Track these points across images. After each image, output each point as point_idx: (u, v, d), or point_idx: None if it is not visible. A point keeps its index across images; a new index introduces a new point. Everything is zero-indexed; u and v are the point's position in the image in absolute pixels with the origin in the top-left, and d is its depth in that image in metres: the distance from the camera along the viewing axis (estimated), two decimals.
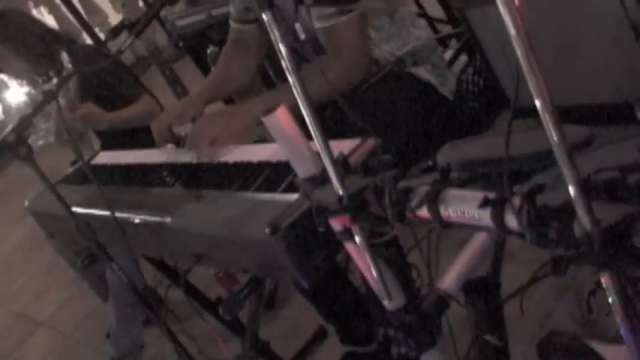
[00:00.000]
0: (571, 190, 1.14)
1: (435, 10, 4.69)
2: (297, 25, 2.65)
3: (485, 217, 1.31)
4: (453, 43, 4.29)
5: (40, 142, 8.75)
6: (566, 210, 1.18)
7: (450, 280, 1.97)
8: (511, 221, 1.27)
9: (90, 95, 3.74)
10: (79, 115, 3.56)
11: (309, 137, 1.66)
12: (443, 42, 4.35)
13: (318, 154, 1.63)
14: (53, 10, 10.14)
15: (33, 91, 4.40)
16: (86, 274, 4.54)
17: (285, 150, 1.72)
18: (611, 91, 3.10)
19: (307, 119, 1.60)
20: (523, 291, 2.59)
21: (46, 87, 3.62)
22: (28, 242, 6.96)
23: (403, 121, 2.62)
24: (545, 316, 2.81)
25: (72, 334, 5.18)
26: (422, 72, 2.73)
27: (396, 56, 2.70)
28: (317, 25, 2.57)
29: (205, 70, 5.08)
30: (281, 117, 1.68)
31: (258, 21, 2.95)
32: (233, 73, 3.06)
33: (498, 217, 1.28)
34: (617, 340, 1.90)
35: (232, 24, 3.08)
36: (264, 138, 2.46)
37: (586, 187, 1.14)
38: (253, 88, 4.19)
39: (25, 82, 4.17)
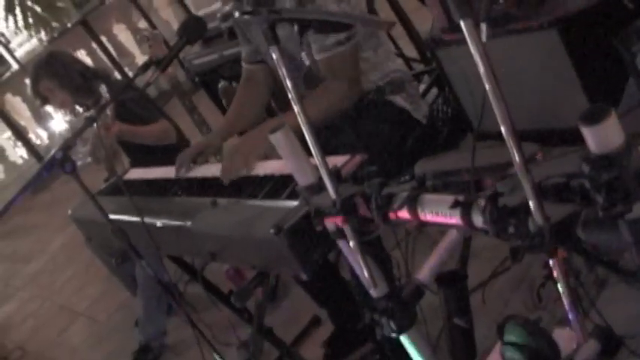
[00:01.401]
0: (526, 192, 1.16)
1: (410, 50, 4.71)
2: (303, 54, 2.66)
3: (455, 216, 1.33)
4: (426, 79, 4.30)
5: (79, 163, 8.72)
6: (522, 209, 1.20)
7: (424, 272, 1.98)
8: (477, 219, 1.29)
9: (121, 119, 3.76)
10: (114, 131, 3.61)
11: (309, 153, 1.68)
12: (417, 78, 4.35)
13: (315, 166, 1.65)
14: (90, 54, 10.16)
15: (74, 119, 4.41)
16: (118, 271, 4.54)
17: (288, 162, 1.74)
18: (558, 117, 3.12)
19: (307, 138, 1.62)
20: (485, 284, 2.60)
21: (87, 114, 3.64)
22: (70, 246, 6.94)
23: (384, 140, 2.63)
24: (504, 304, 2.82)
25: (106, 322, 5.16)
26: (398, 100, 2.75)
27: (377, 86, 2.72)
28: (318, 56, 2.58)
29: (217, 100, 5.09)
30: (285, 135, 1.70)
31: (265, 61, 2.96)
32: (246, 109, 3.03)
33: (466, 216, 1.30)
34: (563, 323, 1.92)
35: (244, 65, 3.07)
36: (267, 156, 2.47)
37: (538, 190, 1.16)
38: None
39: (67, 111, 4.19)
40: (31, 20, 12.51)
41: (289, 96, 1.60)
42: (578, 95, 2.95)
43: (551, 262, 1.37)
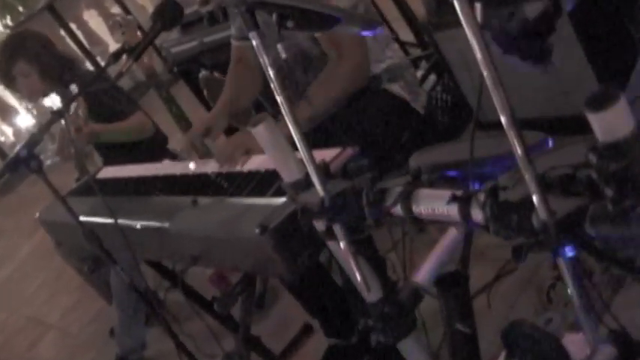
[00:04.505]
0: (529, 185, 1.16)
1: (406, 34, 4.71)
2: (279, 46, 2.66)
3: (453, 212, 1.33)
4: (423, 64, 4.31)
5: (48, 162, 8.71)
6: (525, 203, 1.20)
7: (423, 274, 1.98)
8: (476, 215, 1.29)
9: (94, 117, 3.74)
10: (85, 135, 3.57)
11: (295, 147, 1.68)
12: (414, 63, 4.36)
13: (302, 161, 1.65)
14: (58, 42, 10.12)
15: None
16: (92, 278, 4.53)
17: (272, 157, 1.74)
18: (566, 103, 3.12)
19: (292, 130, 1.62)
20: (490, 286, 2.60)
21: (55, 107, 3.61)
22: (38, 253, 6.94)
23: (379, 133, 2.63)
24: (510, 308, 2.82)
25: (79, 335, 5.14)
26: (396, 88, 2.75)
27: (373, 74, 2.72)
28: (319, 34, 2.59)
29: (198, 91, 5.08)
30: (268, 128, 1.70)
31: None
32: (243, 89, 3.01)
33: (465, 212, 1.30)
34: (574, 327, 1.92)
35: (233, 42, 3.05)
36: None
37: (542, 182, 1.16)
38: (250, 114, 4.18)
39: (32, 100, 4.15)
40: None
41: (271, 85, 1.60)
42: (587, 79, 2.96)
43: (558, 261, 1.37)
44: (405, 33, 4.71)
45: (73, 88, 3.66)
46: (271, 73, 1.59)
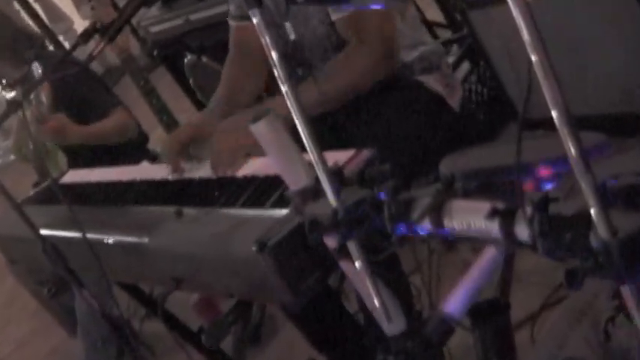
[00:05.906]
0: (586, 197, 1.16)
1: (434, 13, 4.72)
2: (287, 25, 2.66)
3: (493, 228, 1.33)
4: (454, 50, 4.31)
5: None
6: (582, 219, 1.19)
7: (454, 302, 1.98)
8: (522, 232, 1.28)
9: (63, 107, 3.73)
10: (49, 128, 3.55)
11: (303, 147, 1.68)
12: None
13: (310, 165, 1.65)
14: (13, 14, 10.12)
15: None
16: (51, 304, 4.53)
17: (275, 160, 1.74)
18: (626, 100, 3.12)
19: (300, 128, 1.62)
20: (535, 318, 2.60)
21: (10, 96, 3.61)
22: None
23: (405, 132, 2.63)
24: (559, 345, 2.82)
25: None
26: (431, 81, 2.76)
27: (403, 63, 2.71)
28: (335, 16, 2.61)
29: (182, 79, 5.08)
30: (271, 124, 1.70)
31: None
32: (244, 82, 3.01)
33: (508, 228, 1.30)
34: None
35: (231, 23, 3.05)
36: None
37: (603, 193, 1.16)
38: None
39: None
40: None
41: (275, 73, 1.60)
42: None
43: (622, 289, 1.37)
44: (433, 12, 4.71)
45: (35, 67, 3.65)
46: (274, 56, 1.60)
